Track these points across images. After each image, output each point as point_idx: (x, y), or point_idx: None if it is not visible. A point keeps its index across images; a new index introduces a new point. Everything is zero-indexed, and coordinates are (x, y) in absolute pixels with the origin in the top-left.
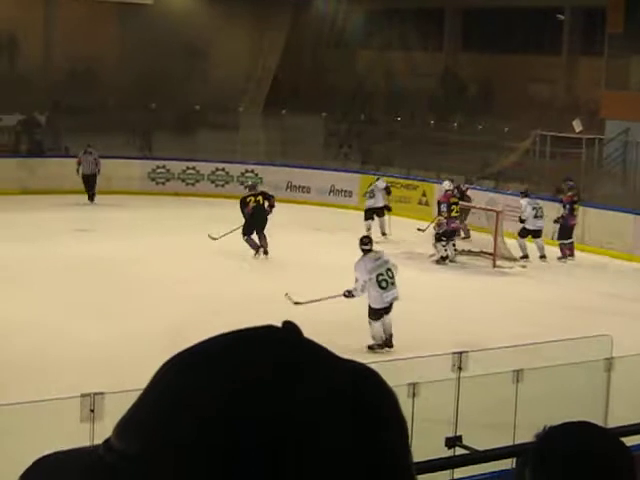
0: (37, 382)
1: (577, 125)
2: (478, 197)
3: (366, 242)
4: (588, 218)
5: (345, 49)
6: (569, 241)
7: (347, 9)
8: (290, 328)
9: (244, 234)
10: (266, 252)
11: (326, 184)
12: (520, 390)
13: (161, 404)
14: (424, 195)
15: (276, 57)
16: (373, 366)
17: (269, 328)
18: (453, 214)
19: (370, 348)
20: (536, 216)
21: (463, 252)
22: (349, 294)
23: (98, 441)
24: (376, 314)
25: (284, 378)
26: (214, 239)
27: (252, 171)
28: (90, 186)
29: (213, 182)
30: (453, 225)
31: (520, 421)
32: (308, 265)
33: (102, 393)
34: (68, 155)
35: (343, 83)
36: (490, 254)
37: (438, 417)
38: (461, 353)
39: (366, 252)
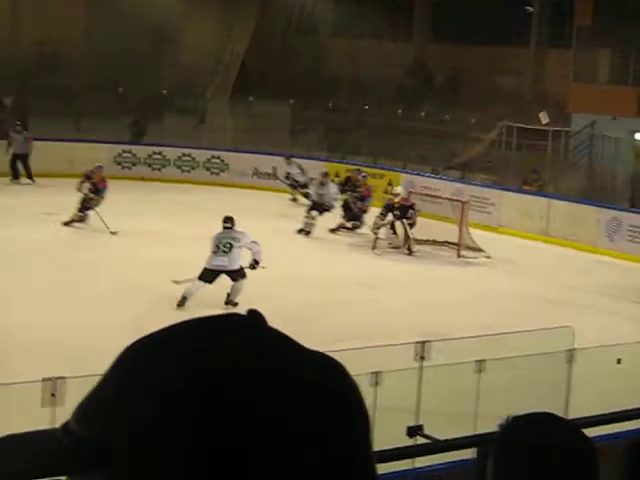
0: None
1: (544, 117)
2: (444, 187)
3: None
4: (553, 210)
5: (314, 37)
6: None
7: None
8: (254, 316)
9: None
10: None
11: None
12: (482, 380)
13: (119, 388)
14: (390, 184)
15: (244, 43)
16: (336, 354)
17: (233, 316)
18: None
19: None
20: None
21: (428, 242)
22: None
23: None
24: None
25: (248, 365)
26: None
27: (218, 157)
28: (25, 166)
29: (179, 167)
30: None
31: (481, 411)
32: (272, 252)
33: (64, 378)
34: (33, 138)
35: (311, 71)
36: (455, 244)
37: (400, 406)
38: (424, 343)
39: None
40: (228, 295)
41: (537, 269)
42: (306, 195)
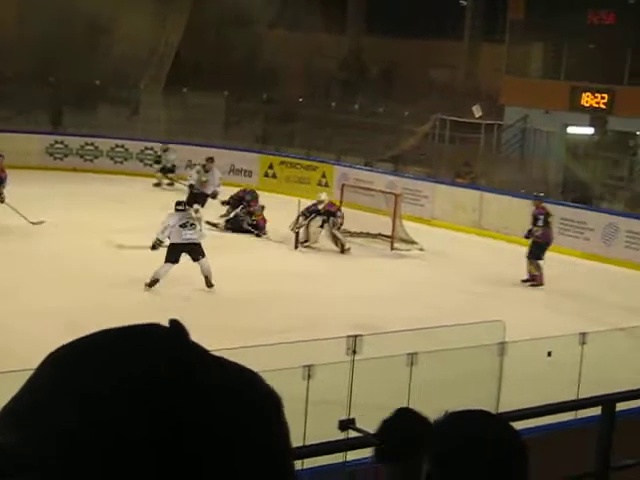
0: None
1: (477, 110)
2: (378, 180)
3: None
4: (485, 203)
5: (249, 28)
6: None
7: None
8: (176, 326)
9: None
10: None
11: (226, 163)
12: (414, 373)
13: (42, 395)
14: (324, 176)
15: (179, 34)
16: (268, 348)
17: (155, 325)
18: None
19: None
20: None
21: (361, 234)
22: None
23: None
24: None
25: (171, 373)
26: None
27: (152, 148)
28: None
29: (112, 158)
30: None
31: (414, 404)
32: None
33: None
34: None
35: (246, 62)
36: (388, 237)
37: (332, 399)
38: (356, 337)
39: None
40: (206, 278)
41: (470, 262)
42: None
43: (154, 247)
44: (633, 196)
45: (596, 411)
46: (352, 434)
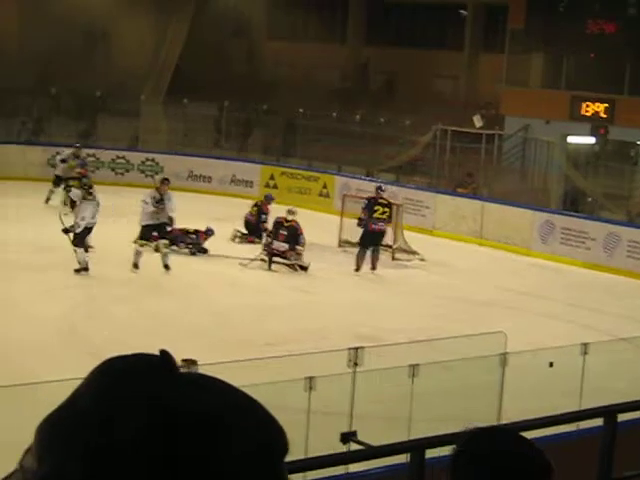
0: None
1: (477, 120)
2: None
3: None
4: (487, 213)
5: (249, 39)
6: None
7: None
8: (167, 358)
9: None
10: None
11: (227, 174)
12: (416, 384)
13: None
14: (325, 187)
15: (179, 46)
16: (272, 361)
17: (147, 357)
18: None
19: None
20: None
21: None
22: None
23: None
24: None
25: (152, 415)
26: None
27: (153, 160)
28: None
29: (113, 170)
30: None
31: (415, 415)
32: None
33: None
34: None
35: (246, 73)
36: (389, 247)
37: (334, 411)
38: (357, 349)
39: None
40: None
41: (471, 272)
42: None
43: (67, 231)
44: (634, 205)
45: (598, 422)
46: (354, 446)
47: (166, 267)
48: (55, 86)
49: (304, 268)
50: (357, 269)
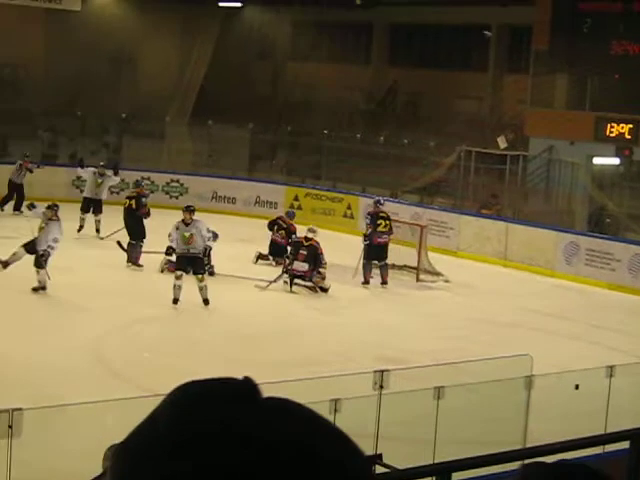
0: None
1: (502, 142)
2: (403, 211)
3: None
4: (511, 234)
5: (273, 61)
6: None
7: (276, 21)
8: (251, 385)
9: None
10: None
11: (252, 195)
12: (441, 407)
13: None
14: (349, 208)
15: (204, 67)
16: (297, 383)
17: (233, 382)
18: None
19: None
20: None
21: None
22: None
23: (16, 457)
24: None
25: (251, 434)
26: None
27: (178, 181)
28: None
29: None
30: None
31: (441, 437)
32: (230, 277)
33: (20, 409)
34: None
35: (271, 95)
36: (413, 268)
37: (359, 433)
38: (382, 372)
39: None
40: None
41: (496, 293)
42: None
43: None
44: None
45: (624, 445)
46: (379, 469)
47: (205, 302)
48: (81, 108)
49: (325, 290)
50: (366, 282)
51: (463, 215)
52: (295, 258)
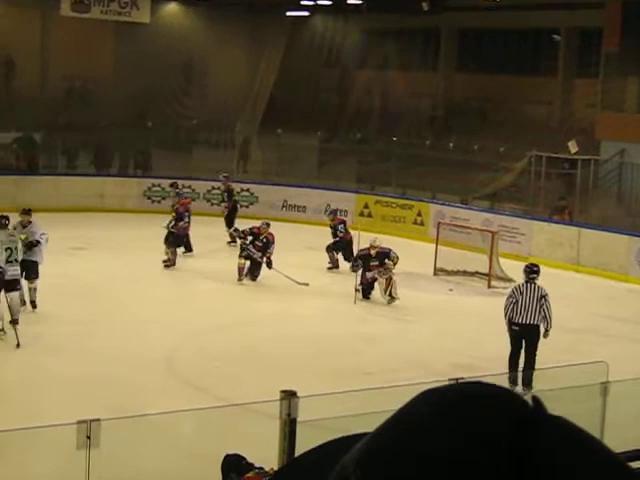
0: (32, 403)
1: (573, 146)
2: (473, 217)
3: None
4: (583, 239)
5: (341, 68)
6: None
7: (343, 28)
8: (537, 405)
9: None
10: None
11: (322, 203)
12: None
13: (407, 437)
14: (419, 215)
15: (273, 76)
16: (371, 392)
17: (515, 400)
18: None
19: None
20: None
21: (458, 273)
22: None
23: (94, 469)
24: None
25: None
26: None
27: (248, 190)
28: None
29: (209, 200)
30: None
31: None
32: (298, 286)
33: (98, 420)
34: (62, 173)
35: (339, 102)
36: (485, 275)
37: None
38: (457, 379)
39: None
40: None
41: (568, 299)
42: None
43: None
44: None
45: None
46: None
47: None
48: (151, 119)
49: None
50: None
51: (534, 221)
52: (367, 270)
